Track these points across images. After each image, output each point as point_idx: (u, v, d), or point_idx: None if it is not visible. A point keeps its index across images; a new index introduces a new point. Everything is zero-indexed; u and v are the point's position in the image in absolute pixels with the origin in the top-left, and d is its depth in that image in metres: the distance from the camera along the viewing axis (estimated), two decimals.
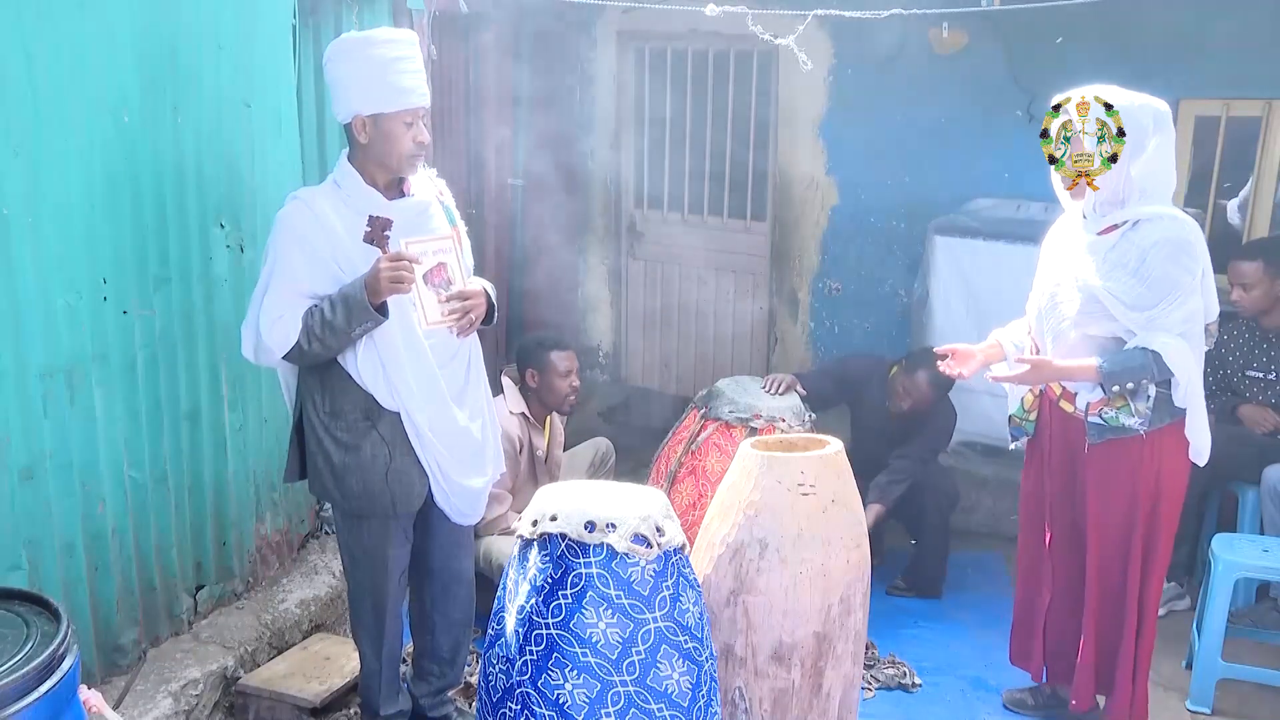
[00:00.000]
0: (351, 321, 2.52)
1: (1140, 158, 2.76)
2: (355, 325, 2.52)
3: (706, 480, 3.66)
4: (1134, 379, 2.77)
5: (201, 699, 2.95)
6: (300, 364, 2.67)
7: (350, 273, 2.56)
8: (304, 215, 2.57)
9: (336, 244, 2.57)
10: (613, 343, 5.95)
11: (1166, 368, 2.74)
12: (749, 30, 3.69)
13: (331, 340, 2.55)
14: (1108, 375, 2.79)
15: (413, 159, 2.63)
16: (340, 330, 2.53)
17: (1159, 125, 2.78)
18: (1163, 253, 2.75)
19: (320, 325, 2.53)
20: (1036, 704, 3.36)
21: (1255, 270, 3.82)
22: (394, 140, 2.57)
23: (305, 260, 2.56)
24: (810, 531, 2.62)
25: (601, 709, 2.27)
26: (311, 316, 2.55)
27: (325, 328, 2.53)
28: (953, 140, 4.78)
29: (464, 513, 2.84)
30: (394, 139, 2.57)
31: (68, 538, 2.72)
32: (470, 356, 2.81)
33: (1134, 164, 2.76)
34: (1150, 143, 2.77)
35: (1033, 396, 3.09)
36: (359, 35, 2.68)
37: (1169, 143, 2.81)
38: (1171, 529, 2.98)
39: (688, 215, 5.66)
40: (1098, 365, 2.81)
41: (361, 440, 2.65)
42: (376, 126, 2.57)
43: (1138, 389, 2.79)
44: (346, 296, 2.52)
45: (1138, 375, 2.77)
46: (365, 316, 2.51)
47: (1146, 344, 2.76)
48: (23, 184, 2.50)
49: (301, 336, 2.55)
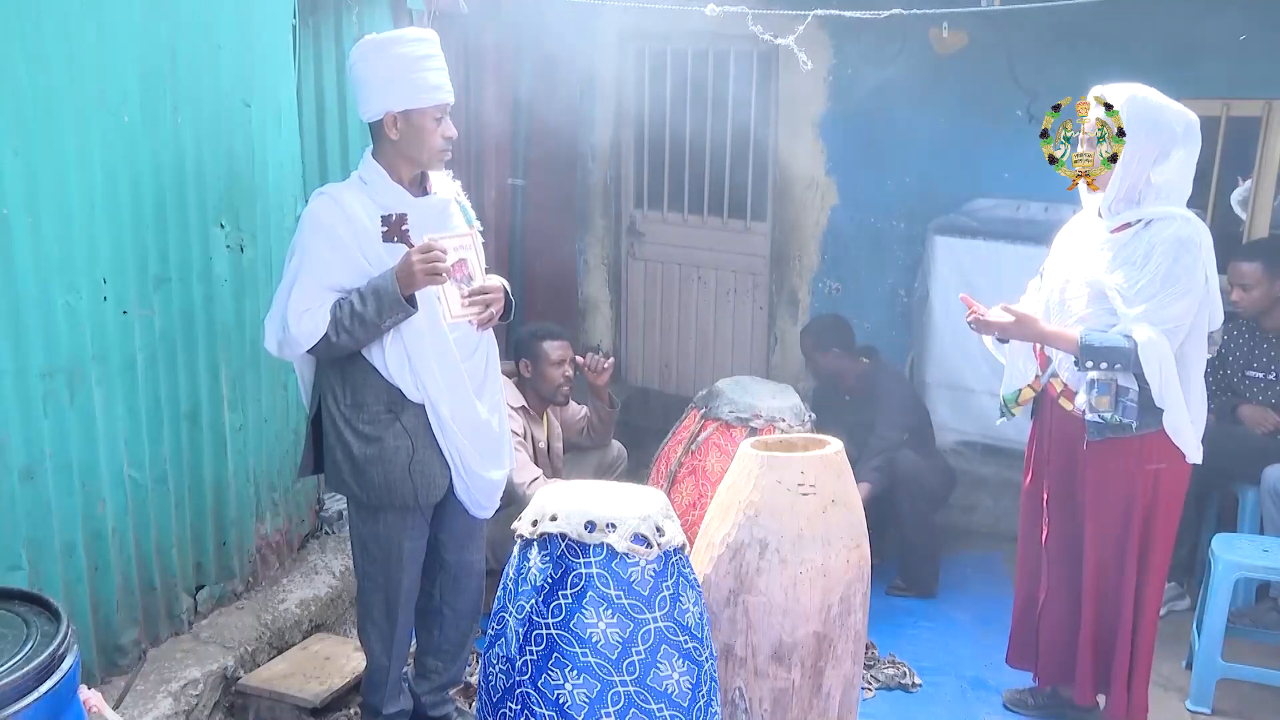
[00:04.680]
0: (383, 314, 2.56)
1: (1164, 165, 2.78)
2: (386, 317, 2.57)
3: (706, 480, 3.66)
4: (1109, 360, 2.78)
5: (201, 699, 2.95)
6: (325, 357, 2.70)
7: (377, 266, 2.61)
8: (332, 210, 2.62)
9: (363, 239, 2.61)
10: (613, 343, 5.95)
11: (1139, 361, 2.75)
12: (749, 30, 3.69)
13: (360, 332, 2.58)
14: (1085, 349, 2.80)
15: (442, 153, 2.70)
16: (371, 322, 2.57)
17: (1188, 136, 2.80)
18: (1168, 250, 2.76)
19: (350, 317, 2.57)
20: (1036, 704, 3.36)
21: (1255, 271, 3.82)
22: (425, 135, 2.64)
23: (333, 254, 2.60)
24: (810, 531, 2.62)
25: (601, 709, 2.27)
26: (340, 309, 2.59)
27: (355, 320, 2.57)
28: (953, 140, 4.77)
29: (482, 505, 2.88)
30: (425, 134, 2.64)
31: (68, 538, 2.72)
32: (489, 351, 2.86)
33: (1156, 170, 2.78)
34: (1177, 152, 2.79)
35: (1031, 391, 3.09)
36: (386, 35, 2.75)
37: (1193, 155, 2.82)
38: (1170, 530, 2.99)
39: (688, 215, 5.66)
40: (1079, 337, 2.82)
41: (384, 432, 2.68)
42: (408, 122, 2.62)
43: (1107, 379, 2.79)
44: (377, 289, 2.56)
45: (1113, 357, 2.78)
46: (396, 309, 2.56)
47: (1129, 331, 2.77)
48: (23, 184, 2.50)
49: (330, 329, 2.59)
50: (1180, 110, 2.81)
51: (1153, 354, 2.74)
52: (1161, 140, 2.77)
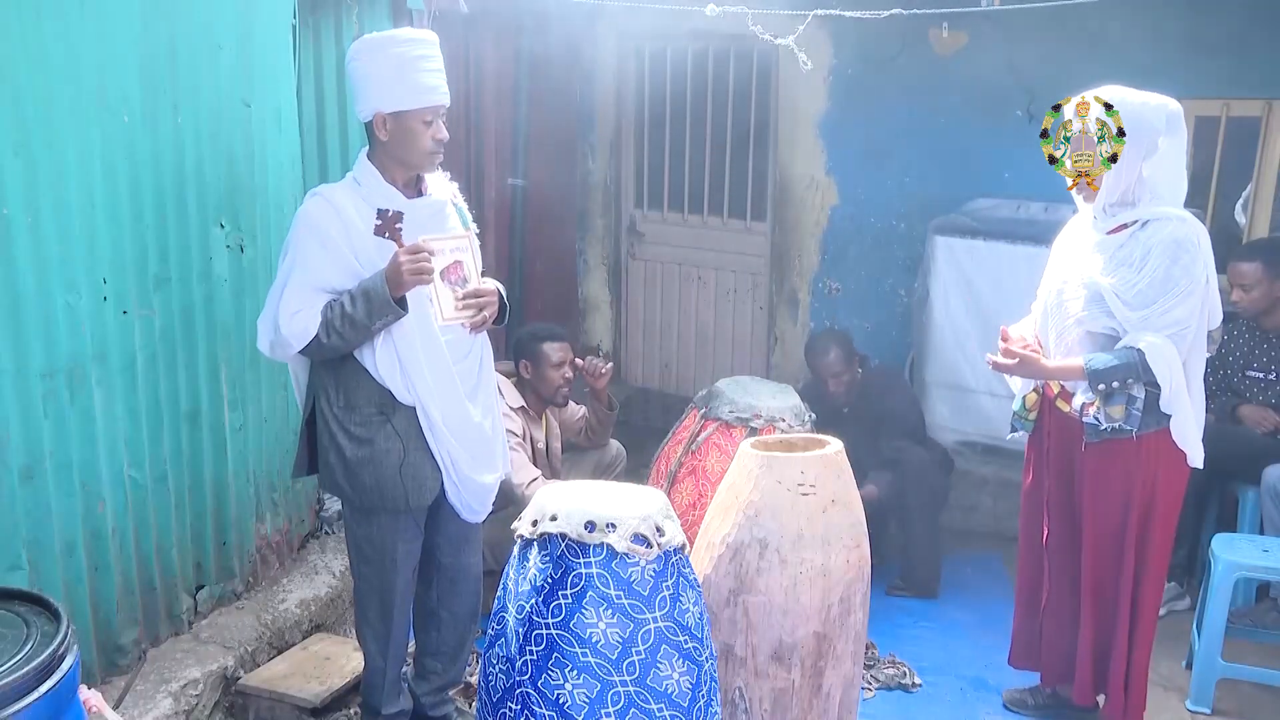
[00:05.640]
0: (372, 315, 2.55)
1: (1153, 158, 2.77)
2: (376, 319, 2.56)
3: (706, 480, 3.66)
4: (1119, 377, 2.78)
5: (201, 699, 2.95)
6: (316, 358, 2.69)
7: (369, 268, 2.60)
8: (324, 211, 2.61)
9: (356, 240, 2.61)
10: (613, 343, 5.95)
11: (1150, 369, 2.74)
12: (749, 30, 3.69)
13: (351, 334, 2.58)
14: (1093, 374, 2.80)
15: (432, 156, 2.67)
16: (360, 324, 2.56)
17: (1171, 126, 2.79)
18: (1166, 251, 2.75)
19: (340, 319, 2.57)
20: (1036, 704, 3.36)
21: (1255, 271, 3.82)
22: (414, 137, 2.62)
23: (325, 255, 2.60)
24: (810, 531, 2.62)
25: (601, 709, 2.27)
26: (331, 310, 2.58)
27: (345, 321, 2.56)
28: (953, 140, 4.78)
29: (474, 509, 2.87)
30: (414, 136, 2.62)
31: (68, 538, 2.72)
32: (482, 355, 2.85)
33: (1146, 164, 2.77)
34: (1163, 142, 2.77)
35: (1036, 395, 3.09)
36: (383, 34, 2.73)
37: (1181, 144, 2.81)
38: (1168, 531, 2.98)
39: (688, 215, 5.66)
40: (1083, 365, 2.82)
41: (375, 434, 2.68)
42: (398, 123, 2.61)
43: (1121, 389, 2.79)
44: (367, 290, 2.56)
45: (1123, 374, 2.78)
46: (386, 310, 2.55)
47: (1133, 343, 2.77)
48: (23, 184, 2.50)
49: (320, 330, 2.58)
50: (1159, 102, 2.80)
51: (1161, 361, 2.74)
52: (1146, 136, 2.76)
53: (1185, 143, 2.83)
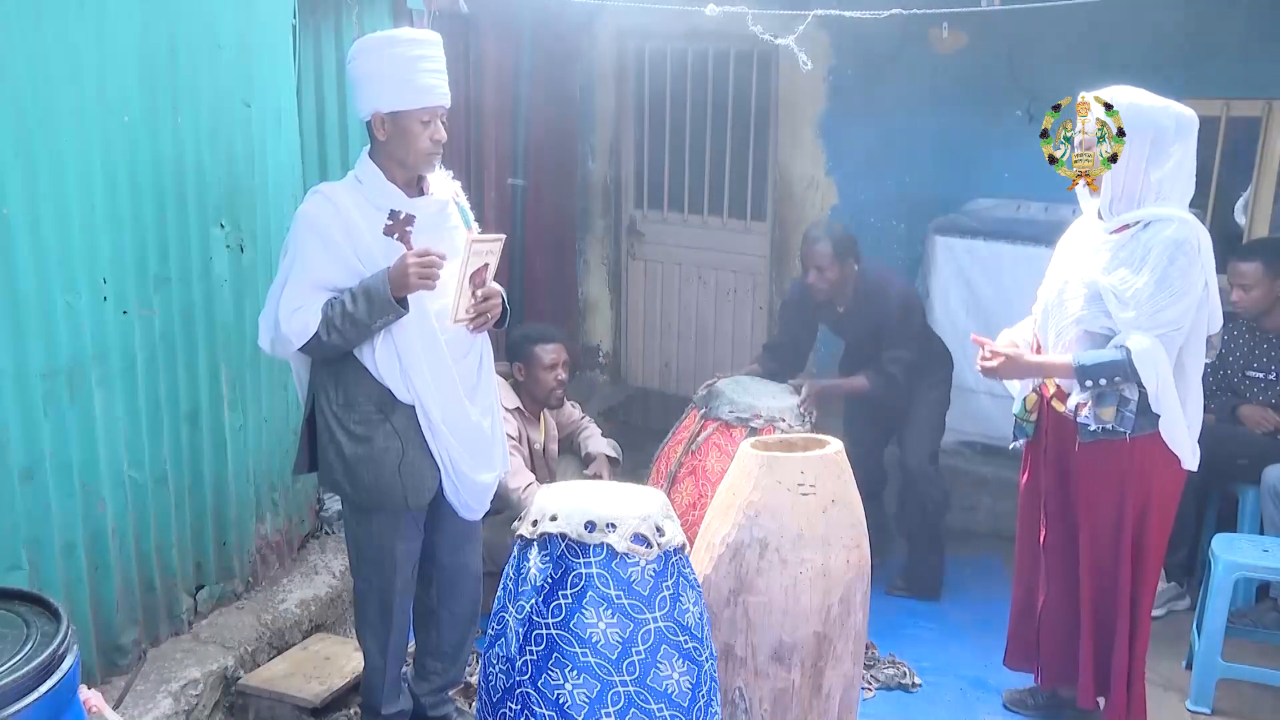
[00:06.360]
0: (373, 314, 2.56)
1: (1161, 162, 2.77)
2: (377, 318, 2.57)
3: (706, 480, 3.66)
4: (1107, 375, 2.78)
5: (201, 699, 2.95)
6: (316, 355, 2.70)
7: (370, 266, 2.60)
8: (325, 209, 2.61)
9: (357, 238, 2.61)
10: (613, 343, 5.95)
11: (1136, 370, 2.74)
12: (749, 30, 3.69)
13: (351, 332, 2.58)
14: (1080, 369, 2.80)
15: (430, 156, 2.67)
16: (361, 322, 2.56)
17: (1182, 131, 2.79)
18: (1164, 252, 2.75)
19: (340, 317, 2.57)
20: (1036, 704, 3.36)
21: (1255, 271, 3.82)
22: (411, 137, 2.62)
23: (325, 253, 2.60)
24: (810, 531, 2.62)
25: (601, 709, 2.27)
26: (332, 308, 2.59)
27: (346, 319, 2.56)
28: (953, 140, 4.77)
29: (472, 508, 2.87)
30: (411, 136, 2.62)
31: (68, 538, 2.72)
32: (482, 354, 2.85)
33: (1154, 169, 2.77)
34: (1174, 148, 2.77)
35: (1036, 396, 3.09)
36: (384, 34, 2.74)
37: (1191, 149, 2.81)
38: (1164, 532, 2.98)
39: (688, 215, 5.66)
40: (1073, 361, 2.81)
41: (374, 432, 2.68)
42: (395, 123, 2.61)
43: (1112, 390, 2.79)
44: (369, 289, 2.56)
45: (1111, 372, 2.77)
46: (387, 310, 2.56)
47: (1122, 342, 2.77)
48: (23, 184, 2.50)
49: (321, 327, 2.59)
50: (1170, 107, 2.79)
51: (1147, 361, 2.73)
52: (1155, 140, 2.76)
53: (1194, 148, 2.83)
